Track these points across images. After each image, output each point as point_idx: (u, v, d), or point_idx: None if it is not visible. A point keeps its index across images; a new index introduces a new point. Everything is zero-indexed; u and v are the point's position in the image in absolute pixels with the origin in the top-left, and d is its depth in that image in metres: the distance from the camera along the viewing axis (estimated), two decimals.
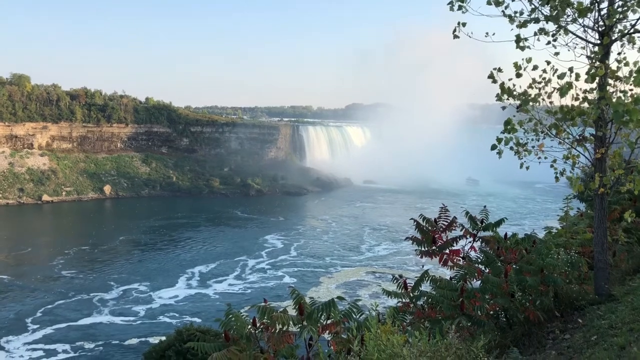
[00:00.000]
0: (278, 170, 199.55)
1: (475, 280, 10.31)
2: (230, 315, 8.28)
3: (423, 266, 10.86)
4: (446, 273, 11.65)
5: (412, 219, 11.33)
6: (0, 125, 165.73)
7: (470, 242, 11.04)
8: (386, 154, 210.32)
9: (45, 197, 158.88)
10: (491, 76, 9.41)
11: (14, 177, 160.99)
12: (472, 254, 10.90)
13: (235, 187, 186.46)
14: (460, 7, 9.15)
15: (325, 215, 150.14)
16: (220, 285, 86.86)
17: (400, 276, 10.29)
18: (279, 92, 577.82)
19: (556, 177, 9.81)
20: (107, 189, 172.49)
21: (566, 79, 8.85)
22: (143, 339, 65.26)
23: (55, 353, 61.56)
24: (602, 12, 8.89)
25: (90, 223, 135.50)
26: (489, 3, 9.07)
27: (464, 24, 9.15)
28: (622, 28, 9.00)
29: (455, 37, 9.29)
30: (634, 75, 8.58)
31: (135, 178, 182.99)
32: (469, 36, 9.23)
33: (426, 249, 11.00)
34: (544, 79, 9.36)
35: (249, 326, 8.16)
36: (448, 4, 9.24)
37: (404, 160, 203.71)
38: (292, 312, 8.59)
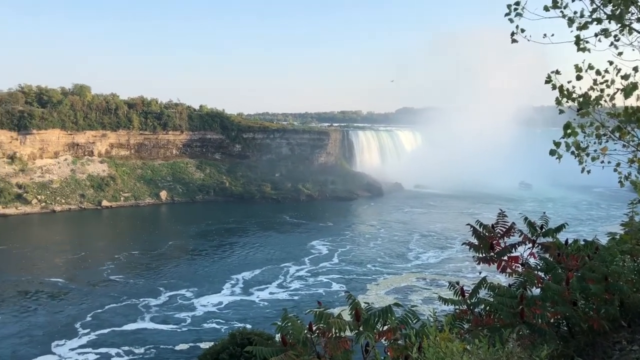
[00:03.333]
0: (328, 175, 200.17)
1: (535, 287, 10.05)
2: (287, 320, 8.37)
3: (480, 273, 10.66)
4: (501, 280, 11.42)
5: (468, 224, 11.15)
6: (63, 133, 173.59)
7: (529, 248, 10.78)
8: (437, 158, 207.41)
9: (105, 203, 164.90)
10: (549, 80, 9.19)
11: (75, 183, 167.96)
12: (532, 260, 10.64)
13: (286, 192, 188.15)
14: (518, 15, 8.99)
15: (374, 220, 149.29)
16: (262, 292, 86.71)
17: (457, 283, 10.14)
18: (328, 98, 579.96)
19: (620, 182, 9.48)
20: (163, 194, 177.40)
21: (630, 79, 8.56)
22: (192, 344, 65.95)
23: (107, 357, 62.86)
24: None
25: (144, 228, 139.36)
26: (546, 9, 8.85)
27: (522, 30, 8.99)
28: None
29: (514, 41, 9.13)
30: None
31: (190, 184, 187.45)
32: (528, 39, 9.06)
33: (483, 255, 10.80)
34: (606, 80, 9.06)
35: (306, 331, 8.22)
36: (506, 15, 9.07)
37: (456, 164, 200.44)
38: (347, 317, 8.62)
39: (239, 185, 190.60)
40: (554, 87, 9.11)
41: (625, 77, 8.60)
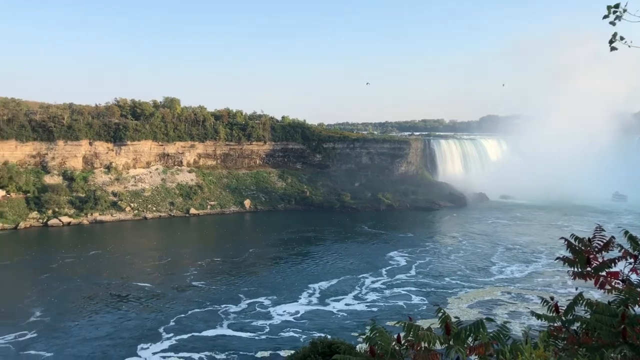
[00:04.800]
0: (409, 185, 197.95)
1: (637, 306, 9.47)
2: (375, 331, 8.39)
3: (576, 288, 10.18)
4: (597, 296, 10.86)
5: (562, 238, 10.70)
6: (154, 144, 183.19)
7: (630, 264, 10.18)
8: (524, 167, 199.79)
9: (193, 211, 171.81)
10: None
11: (165, 191, 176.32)
12: (634, 277, 10.04)
13: (365, 201, 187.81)
14: (617, 18, 8.58)
15: (456, 232, 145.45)
16: (338, 303, 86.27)
17: (552, 298, 9.75)
18: (409, 107, 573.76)
19: None
20: (247, 203, 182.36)
21: None
22: (272, 352, 66.79)
23: None
24: None
25: (227, 236, 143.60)
26: None
27: (622, 38, 8.56)
28: None
29: (613, 49, 8.71)
30: None
31: (273, 193, 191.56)
32: (629, 45, 8.61)
33: (579, 270, 10.32)
34: None
35: (394, 343, 8.21)
36: (604, 17, 8.67)
37: (544, 174, 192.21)
38: (435, 330, 8.51)
39: (319, 194, 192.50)
40: None
41: None
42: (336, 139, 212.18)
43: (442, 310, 8.58)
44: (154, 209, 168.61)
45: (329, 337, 64.55)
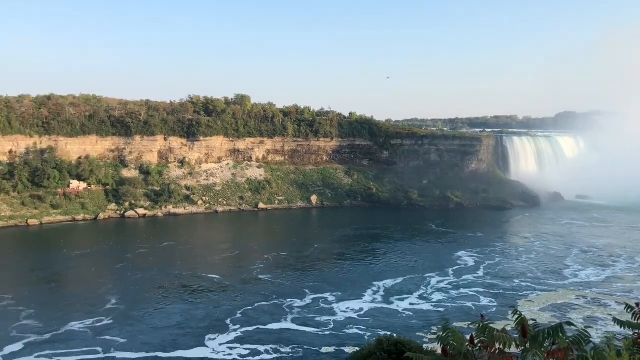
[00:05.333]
0: (479, 183, 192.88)
1: None
2: (448, 331, 8.10)
3: None
4: None
5: None
6: (226, 140, 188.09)
7: None
8: (603, 166, 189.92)
9: (261, 205, 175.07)
10: None
11: (236, 186, 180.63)
12: None
13: (433, 199, 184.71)
14: None
15: (528, 232, 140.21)
16: (403, 302, 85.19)
17: (638, 305, 9.09)
18: (480, 103, 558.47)
19: None
20: (314, 198, 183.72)
21: None
22: (337, 348, 67.04)
23: (256, 353, 65.75)
24: None
25: (293, 230, 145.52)
26: None
27: None
28: None
29: None
30: None
31: (339, 189, 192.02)
32: None
33: None
34: None
35: (467, 343, 7.90)
36: None
37: (624, 173, 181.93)
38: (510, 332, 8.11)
39: (385, 191, 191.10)
40: None
41: None
42: (404, 136, 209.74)
43: (518, 312, 8.16)
44: (225, 202, 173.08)
45: (394, 335, 64.01)
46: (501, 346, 7.69)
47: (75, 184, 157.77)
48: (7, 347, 63.40)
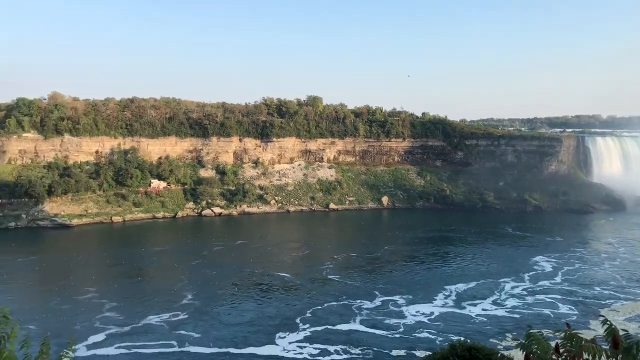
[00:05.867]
0: (559, 186, 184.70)
1: None
2: (531, 338, 7.81)
3: None
4: None
5: None
6: (298, 141, 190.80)
7: None
8: None
9: (332, 206, 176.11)
10: None
11: (307, 187, 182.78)
12: None
13: (510, 202, 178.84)
14: None
15: (612, 238, 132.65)
16: (475, 308, 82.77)
17: None
18: (561, 102, 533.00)
19: None
20: (385, 200, 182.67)
21: None
22: (407, 352, 66.16)
23: (326, 353, 65.99)
24: None
25: (363, 232, 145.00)
26: None
27: None
28: None
29: None
30: None
31: (411, 190, 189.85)
32: None
33: None
34: None
35: (552, 352, 7.59)
36: None
37: None
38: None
39: (460, 193, 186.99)
40: None
41: None
42: (479, 136, 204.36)
43: (608, 322, 7.79)
44: (297, 203, 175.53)
45: (468, 341, 62.33)
46: (590, 357, 7.36)
47: (156, 183, 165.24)
48: (91, 338, 67.35)
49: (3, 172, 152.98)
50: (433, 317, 78.96)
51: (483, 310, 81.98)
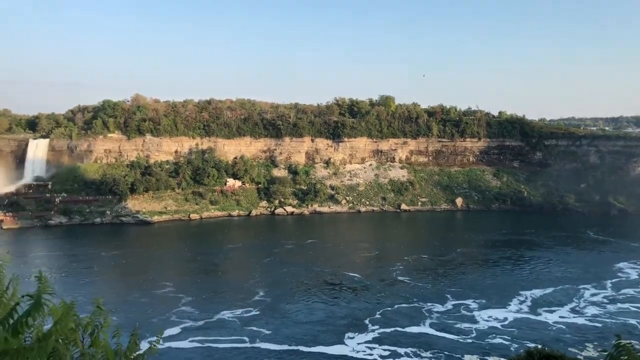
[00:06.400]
0: None
1: None
2: (620, 348, 7.31)
3: None
4: None
5: None
6: (369, 141, 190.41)
7: None
8: None
9: (403, 206, 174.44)
10: None
11: (378, 187, 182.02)
12: None
13: (592, 205, 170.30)
14: None
15: None
16: (552, 314, 79.19)
17: None
18: None
19: None
20: (459, 201, 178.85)
21: None
22: (480, 357, 64.45)
23: (395, 356, 65.27)
24: None
25: (435, 233, 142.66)
26: None
27: None
28: None
29: None
30: None
31: (486, 191, 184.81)
32: None
33: None
34: None
35: None
36: None
37: None
38: None
39: (538, 195, 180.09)
40: None
41: None
42: (559, 136, 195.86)
43: None
44: (367, 203, 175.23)
45: (545, 348, 59.94)
46: None
47: (231, 182, 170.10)
48: (167, 331, 70.17)
49: (90, 170, 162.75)
50: (506, 322, 76.46)
51: (560, 317, 78.55)
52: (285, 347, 67.30)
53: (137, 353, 9.67)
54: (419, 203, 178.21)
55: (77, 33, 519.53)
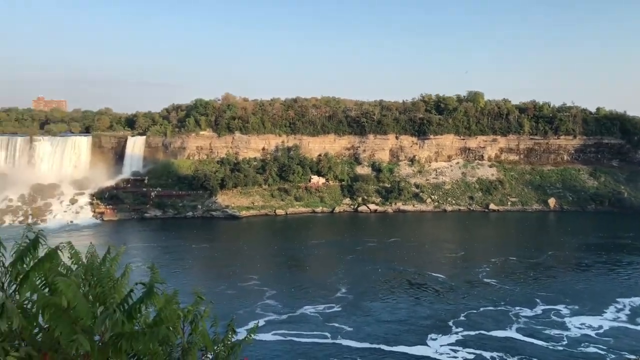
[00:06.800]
0: None
1: None
2: None
3: None
4: None
5: None
6: (456, 139, 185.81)
7: None
8: None
9: (492, 206, 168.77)
10: None
11: (465, 185, 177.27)
12: None
13: None
14: None
15: None
16: None
17: None
18: None
19: None
20: (552, 201, 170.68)
21: None
22: None
23: (481, 359, 63.60)
24: None
25: (525, 235, 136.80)
26: None
27: None
28: None
29: None
30: None
31: (582, 192, 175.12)
32: None
33: None
34: None
35: None
36: None
37: None
38: None
39: (639, 196, 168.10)
40: None
41: None
42: None
43: None
44: (453, 202, 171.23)
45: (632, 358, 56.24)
46: None
47: (315, 179, 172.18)
48: (251, 323, 72.35)
49: (183, 166, 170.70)
50: (601, 331, 72.15)
51: None
52: (366, 345, 67.33)
53: (234, 341, 10.42)
54: (509, 203, 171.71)
55: (171, 38, 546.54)
